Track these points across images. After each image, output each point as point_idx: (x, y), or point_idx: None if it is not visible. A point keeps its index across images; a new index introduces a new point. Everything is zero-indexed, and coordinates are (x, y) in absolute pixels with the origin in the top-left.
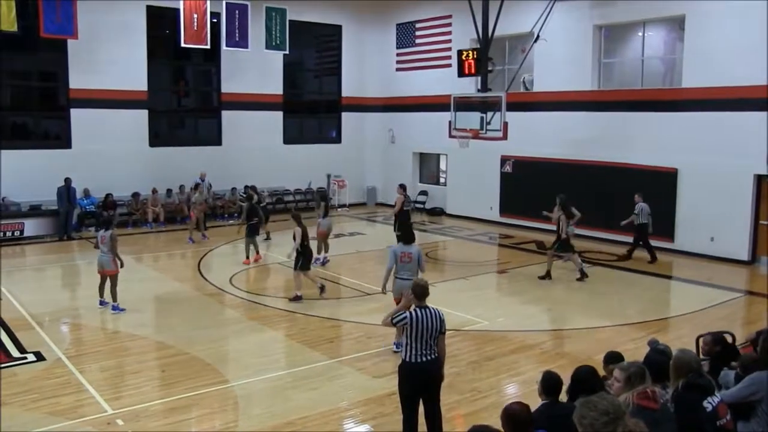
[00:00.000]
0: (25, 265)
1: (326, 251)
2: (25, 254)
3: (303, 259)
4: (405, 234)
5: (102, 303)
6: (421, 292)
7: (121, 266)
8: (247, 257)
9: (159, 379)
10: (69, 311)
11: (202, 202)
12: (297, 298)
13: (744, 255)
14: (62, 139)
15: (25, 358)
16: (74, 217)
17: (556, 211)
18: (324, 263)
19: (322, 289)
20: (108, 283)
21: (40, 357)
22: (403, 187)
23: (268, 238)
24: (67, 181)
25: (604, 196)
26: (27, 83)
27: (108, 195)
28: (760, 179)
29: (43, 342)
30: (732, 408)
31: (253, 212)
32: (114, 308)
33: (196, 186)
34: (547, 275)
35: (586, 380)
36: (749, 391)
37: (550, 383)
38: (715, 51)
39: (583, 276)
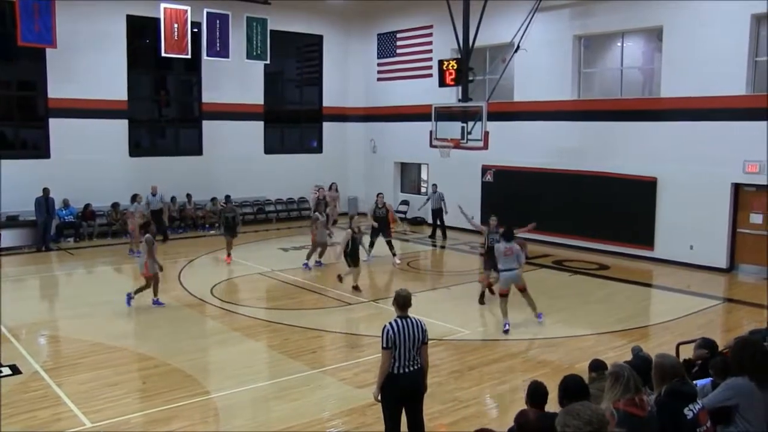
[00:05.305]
0: (2, 276)
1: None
2: (2, 265)
3: None
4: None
5: None
6: (403, 302)
7: None
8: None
9: (139, 391)
10: (47, 323)
11: (140, 211)
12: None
13: (722, 263)
14: (41, 149)
15: (0, 371)
16: (53, 228)
17: None
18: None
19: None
20: None
21: (16, 370)
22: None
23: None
24: (46, 191)
25: (584, 205)
26: (5, 92)
27: (87, 205)
28: (737, 188)
29: (19, 355)
30: (712, 414)
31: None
32: None
33: (134, 197)
34: None
35: (576, 388)
36: (724, 396)
37: (537, 394)
38: (693, 61)
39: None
